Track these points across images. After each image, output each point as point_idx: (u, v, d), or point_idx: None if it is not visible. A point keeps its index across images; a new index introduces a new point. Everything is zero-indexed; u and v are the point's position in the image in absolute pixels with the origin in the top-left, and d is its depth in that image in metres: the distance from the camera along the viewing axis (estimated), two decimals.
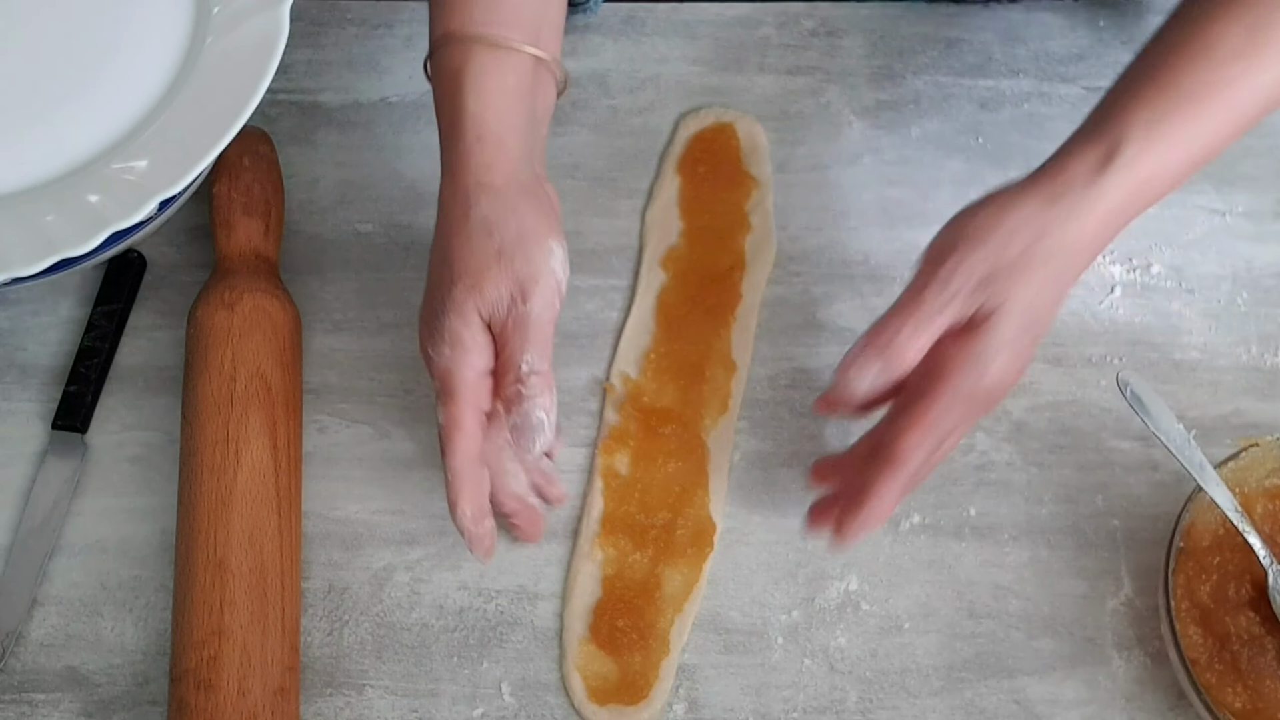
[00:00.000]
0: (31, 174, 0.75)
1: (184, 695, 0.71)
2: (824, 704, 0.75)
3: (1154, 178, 0.68)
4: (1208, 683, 0.71)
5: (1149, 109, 0.67)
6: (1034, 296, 0.67)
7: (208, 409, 0.76)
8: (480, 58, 0.72)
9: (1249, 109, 0.68)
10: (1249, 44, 0.67)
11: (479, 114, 0.71)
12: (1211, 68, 0.67)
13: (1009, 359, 0.68)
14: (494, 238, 0.70)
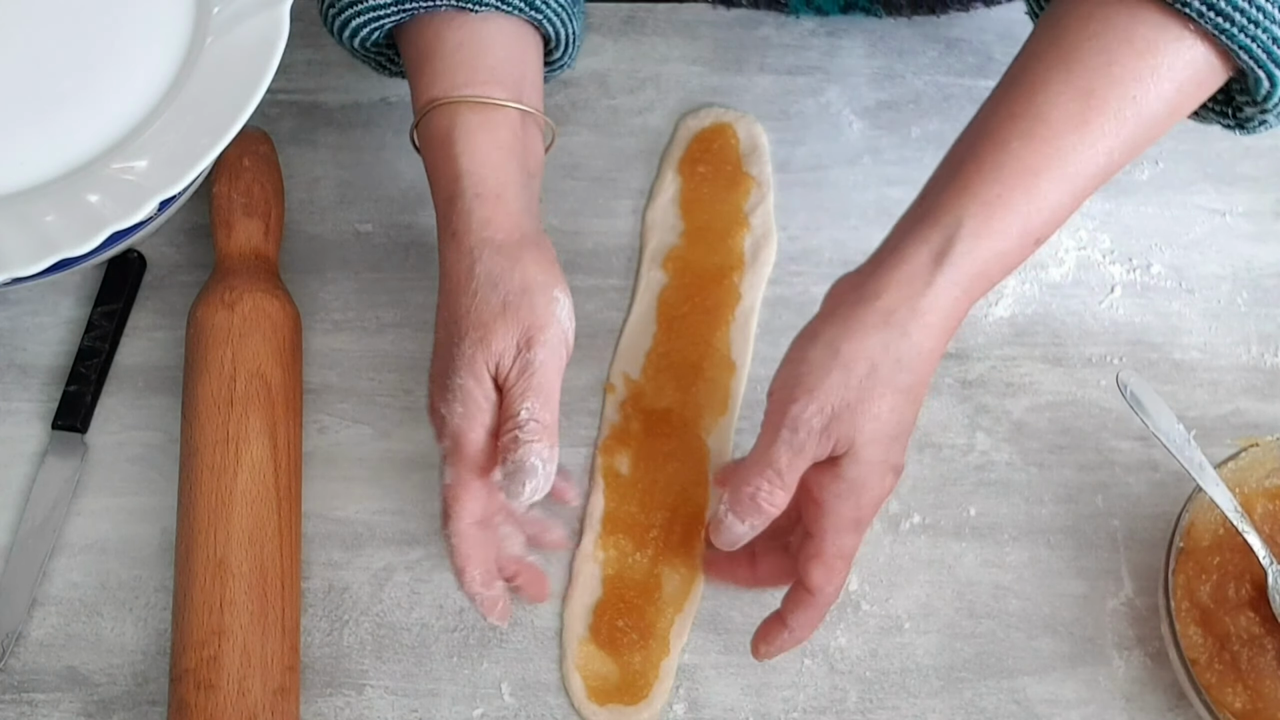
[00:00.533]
0: (31, 174, 0.75)
1: (184, 695, 0.71)
2: (824, 704, 0.75)
3: (991, 264, 0.66)
4: (1208, 683, 0.71)
5: (985, 188, 0.65)
6: (886, 416, 0.66)
7: (208, 409, 0.76)
8: (469, 117, 0.72)
9: (1085, 180, 0.66)
10: (1082, 111, 0.65)
11: (475, 171, 0.71)
12: (1047, 139, 0.65)
13: (879, 477, 0.67)
14: (499, 290, 0.69)
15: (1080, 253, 0.85)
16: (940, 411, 0.81)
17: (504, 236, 0.71)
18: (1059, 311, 0.84)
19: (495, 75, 0.74)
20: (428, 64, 0.74)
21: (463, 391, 0.69)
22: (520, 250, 0.70)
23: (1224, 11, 0.63)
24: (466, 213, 0.71)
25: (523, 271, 0.70)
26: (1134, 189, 0.87)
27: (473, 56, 0.74)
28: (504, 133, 0.73)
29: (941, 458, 0.80)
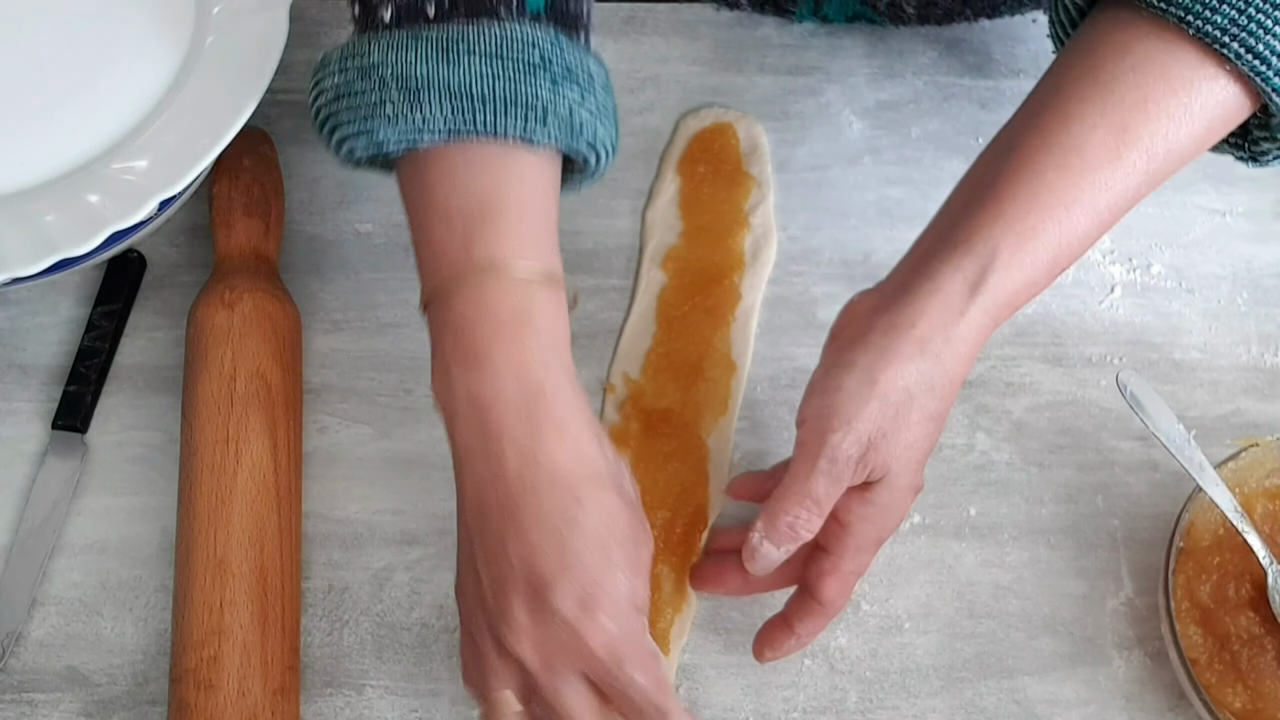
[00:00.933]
0: (31, 174, 0.75)
1: (184, 695, 0.71)
2: (824, 704, 0.75)
3: (1019, 294, 0.66)
4: (1208, 683, 0.71)
5: (1019, 219, 0.65)
6: (919, 443, 0.66)
7: (208, 409, 0.76)
8: (545, 298, 0.65)
9: (1113, 214, 0.66)
10: (1116, 147, 0.64)
11: (566, 363, 0.65)
12: (1082, 172, 0.64)
13: (905, 499, 0.68)
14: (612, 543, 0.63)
15: None
16: None
17: (602, 458, 0.64)
18: (1059, 311, 0.84)
19: (555, 233, 0.67)
20: (489, 218, 0.64)
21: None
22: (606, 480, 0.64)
23: (1261, 55, 0.62)
24: (566, 405, 0.64)
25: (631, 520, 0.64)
26: None
27: (540, 213, 0.66)
28: (566, 320, 0.66)
29: (941, 458, 0.80)
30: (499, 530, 0.62)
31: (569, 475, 0.62)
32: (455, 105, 0.64)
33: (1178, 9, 0.62)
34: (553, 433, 0.63)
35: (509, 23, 0.65)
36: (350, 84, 0.66)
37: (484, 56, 0.64)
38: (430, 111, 0.64)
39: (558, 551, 0.61)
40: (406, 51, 0.64)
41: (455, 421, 0.64)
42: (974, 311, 0.65)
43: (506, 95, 0.64)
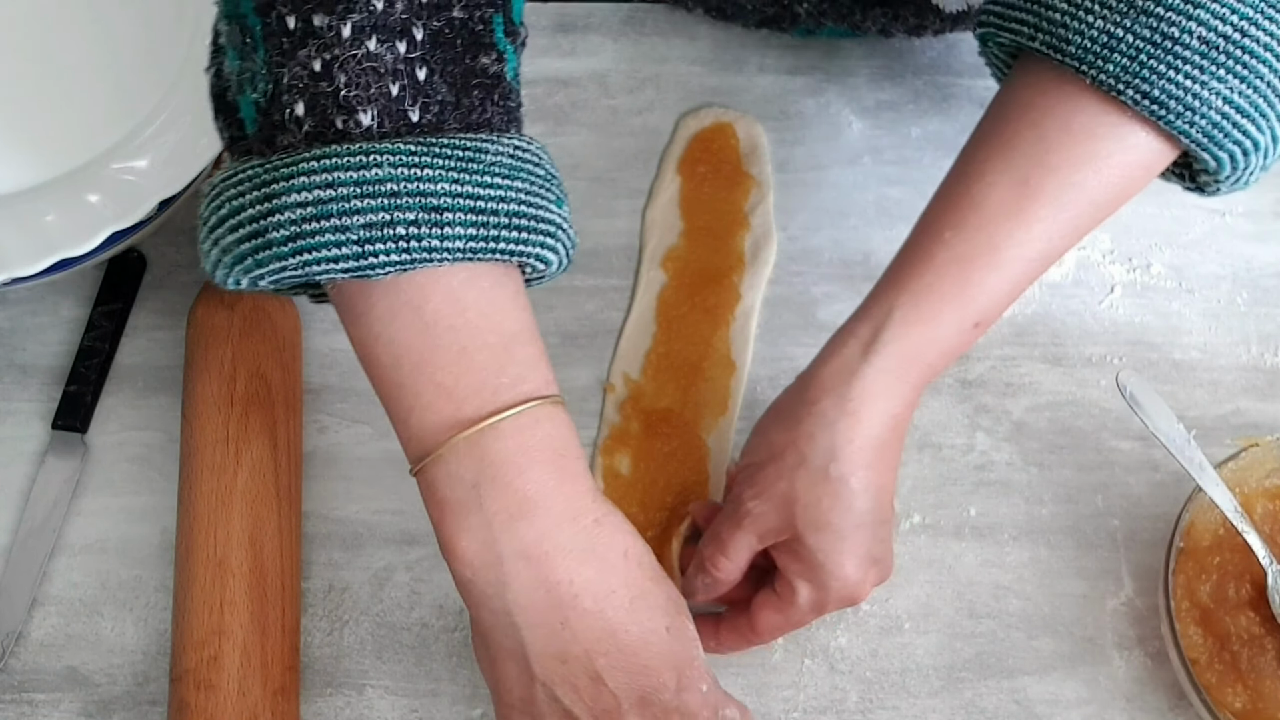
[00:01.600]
0: (31, 174, 0.75)
1: (184, 695, 0.71)
2: (824, 704, 0.75)
3: (924, 349, 0.66)
4: (1208, 683, 0.71)
5: (915, 279, 0.66)
6: (826, 505, 0.66)
7: (208, 409, 0.76)
8: (567, 424, 0.62)
9: (1025, 264, 0.65)
10: (1017, 200, 0.64)
11: (593, 489, 0.63)
12: (980, 227, 0.65)
13: (840, 566, 0.67)
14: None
15: (1080, 253, 0.85)
16: (940, 411, 0.81)
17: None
18: (1059, 311, 0.84)
19: (548, 359, 0.63)
20: (512, 347, 0.60)
21: None
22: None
23: (1158, 99, 0.62)
24: (619, 527, 0.62)
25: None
26: None
27: (538, 336, 0.62)
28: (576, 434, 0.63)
29: (941, 458, 0.80)
30: (589, 669, 0.60)
31: (643, 590, 0.62)
32: (477, 225, 0.58)
33: (1073, 60, 0.62)
34: (619, 562, 0.61)
35: (510, 136, 0.61)
36: (339, 197, 0.56)
37: (501, 171, 0.59)
38: (453, 231, 0.57)
39: (659, 659, 0.62)
40: (420, 162, 0.57)
41: (506, 584, 0.60)
42: (867, 371, 0.66)
43: (525, 214, 0.59)
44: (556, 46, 0.90)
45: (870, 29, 0.87)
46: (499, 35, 0.61)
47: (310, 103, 0.57)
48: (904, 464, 0.80)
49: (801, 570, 0.68)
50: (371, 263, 0.57)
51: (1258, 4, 0.61)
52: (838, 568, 0.68)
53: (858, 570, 0.68)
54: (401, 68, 0.58)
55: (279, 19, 0.57)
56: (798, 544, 0.68)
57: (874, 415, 0.66)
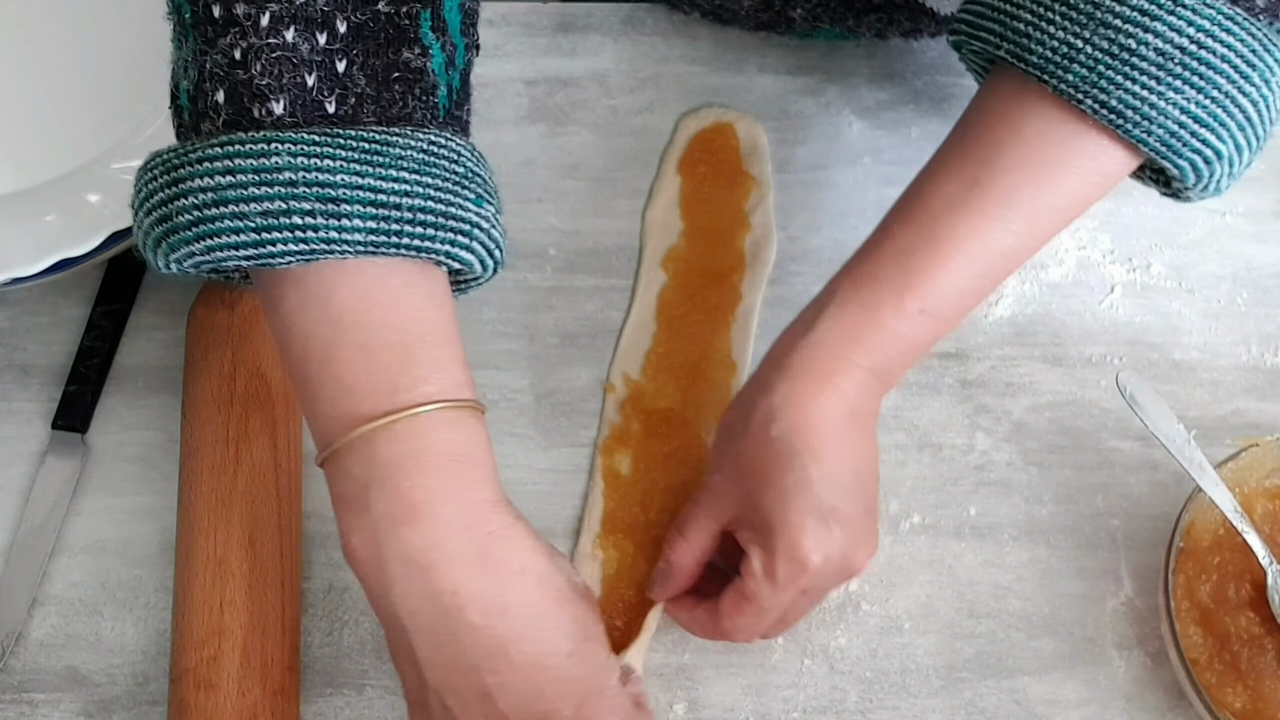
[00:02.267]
0: (31, 174, 0.75)
1: (184, 695, 0.71)
2: (824, 704, 0.75)
3: (863, 328, 0.66)
4: (1208, 683, 0.71)
5: (858, 266, 0.67)
6: (770, 469, 0.66)
7: (208, 409, 0.76)
8: (479, 430, 0.61)
9: (968, 262, 0.65)
10: (963, 195, 0.65)
11: (502, 498, 0.62)
12: (924, 221, 0.66)
13: (797, 541, 0.65)
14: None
15: (1080, 253, 0.85)
16: (940, 411, 0.81)
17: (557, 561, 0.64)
18: (1059, 311, 0.84)
19: (466, 363, 0.62)
20: (413, 348, 0.59)
21: None
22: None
23: (1115, 109, 0.62)
24: (518, 541, 0.61)
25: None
26: (1134, 189, 0.86)
27: (455, 335, 0.61)
28: (492, 449, 0.63)
29: (941, 458, 0.80)
30: (479, 685, 0.60)
31: (539, 612, 0.61)
32: (379, 218, 0.57)
33: (1035, 69, 0.63)
34: (515, 578, 0.60)
35: (427, 131, 0.60)
36: (238, 184, 0.57)
37: (411, 165, 0.58)
38: (351, 223, 0.57)
39: (554, 685, 0.61)
40: (321, 153, 0.57)
41: (390, 586, 0.59)
42: (805, 345, 0.67)
43: (435, 210, 0.58)
44: (556, 46, 0.90)
45: (865, 33, 0.87)
46: (424, 30, 0.61)
47: (229, 91, 0.58)
48: (904, 464, 0.80)
49: (752, 536, 0.67)
50: (270, 251, 0.57)
51: (1215, 18, 0.61)
52: (782, 523, 0.65)
53: (806, 525, 0.65)
54: (319, 59, 0.58)
55: (205, 6, 0.58)
56: (751, 512, 0.67)
57: (816, 384, 0.66)
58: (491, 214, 0.61)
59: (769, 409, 0.66)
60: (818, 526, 0.65)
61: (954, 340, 0.82)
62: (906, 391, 0.81)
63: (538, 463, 0.80)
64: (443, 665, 0.60)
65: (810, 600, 0.69)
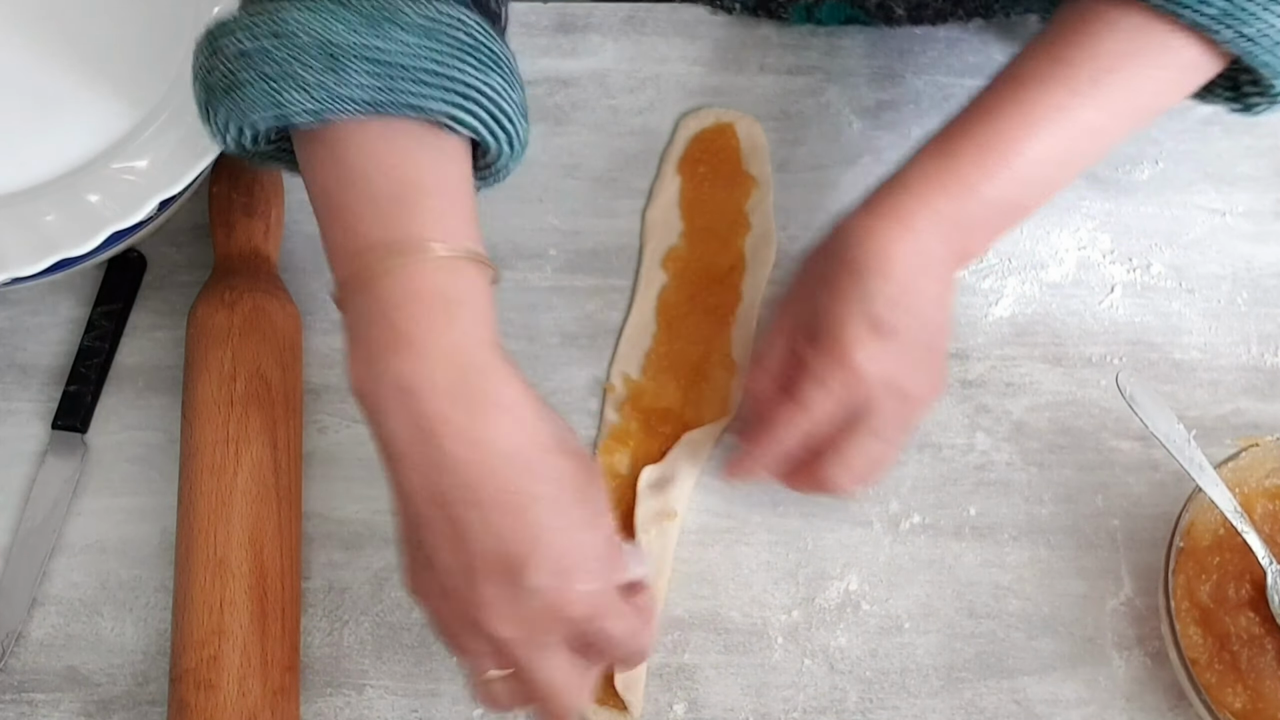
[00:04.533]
0: (31, 174, 0.75)
1: (184, 695, 0.71)
2: (824, 704, 0.75)
3: (947, 178, 0.68)
4: (1208, 683, 0.71)
5: (947, 128, 0.70)
6: (837, 284, 0.69)
7: (208, 409, 0.76)
8: (476, 279, 0.63)
9: (1049, 135, 0.68)
10: (1055, 70, 0.68)
11: (495, 341, 0.63)
12: (1013, 90, 0.68)
13: (838, 312, 0.68)
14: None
15: (1080, 253, 0.85)
16: (940, 411, 0.81)
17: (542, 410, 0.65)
18: (1059, 311, 0.84)
19: (474, 213, 0.65)
20: (408, 198, 0.63)
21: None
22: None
23: (1248, 35, 0.66)
24: (501, 380, 0.63)
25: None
26: (1134, 189, 0.87)
27: (459, 192, 0.65)
28: (491, 297, 0.65)
29: (941, 458, 0.80)
30: (457, 518, 0.61)
31: (515, 451, 0.61)
32: (379, 76, 0.62)
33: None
34: (491, 411, 0.61)
35: (438, 2, 0.64)
36: (259, 46, 0.62)
37: (414, 30, 0.62)
38: (352, 80, 0.61)
39: (523, 529, 0.60)
40: (330, 17, 0.62)
41: (384, 413, 0.62)
42: (888, 188, 0.69)
43: (435, 72, 0.62)
44: (556, 46, 0.90)
45: (870, 6, 0.87)
46: None
47: None
48: (904, 464, 0.80)
49: (808, 342, 0.70)
50: (288, 110, 0.62)
51: None
52: (840, 329, 0.68)
53: (860, 334, 0.67)
54: None
55: None
56: (815, 322, 0.69)
57: (895, 222, 0.68)
58: (499, 84, 0.64)
59: (849, 234, 0.69)
60: (873, 340, 0.68)
61: (954, 340, 0.83)
62: None
63: None
64: (422, 495, 0.62)
65: (868, 430, 0.69)
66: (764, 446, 0.72)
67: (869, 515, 0.79)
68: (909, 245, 0.68)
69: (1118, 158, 0.87)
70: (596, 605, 0.62)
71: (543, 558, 0.60)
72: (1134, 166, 0.87)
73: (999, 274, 0.84)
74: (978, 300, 0.84)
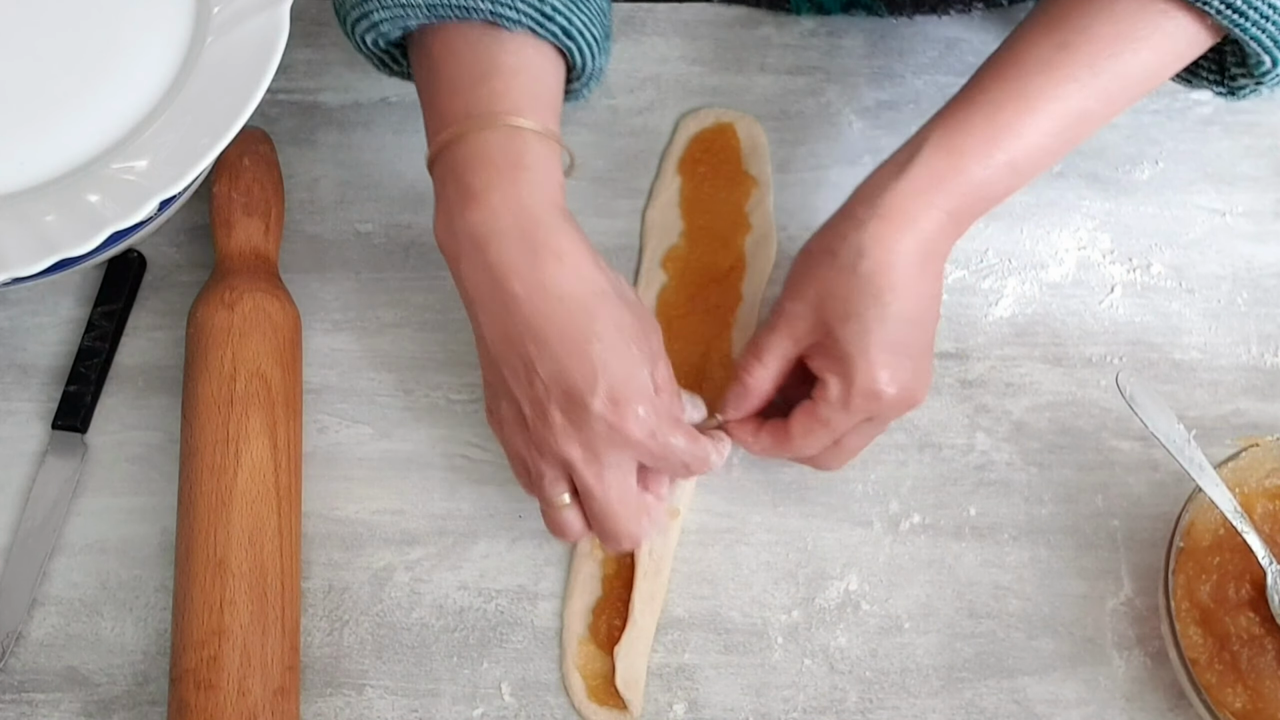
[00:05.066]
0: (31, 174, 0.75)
1: (184, 695, 0.71)
2: (824, 704, 0.75)
3: (953, 173, 0.70)
4: (1208, 683, 0.71)
5: (950, 115, 0.72)
6: (855, 300, 0.70)
7: (208, 409, 0.76)
8: (539, 148, 0.71)
9: (1055, 119, 0.70)
10: (1052, 57, 0.70)
11: (560, 203, 0.72)
12: (1015, 78, 0.71)
13: (870, 368, 0.70)
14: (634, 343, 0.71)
15: (1080, 253, 0.85)
16: (940, 411, 0.81)
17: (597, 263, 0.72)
18: (1059, 311, 0.84)
19: (553, 104, 0.74)
20: (485, 80, 0.72)
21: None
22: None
23: (1238, 8, 0.68)
24: (561, 232, 0.71)
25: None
26: (1134, 189, 0.87)
27: (534, 82, 0.73)
28: (559, 168, 0.73)
29: (941, 458, 0.80)
30: (524, 354, 0.69)
31: (575, 294, 0.69)
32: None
33: None
34: (551, 259, 0.69)
35: None
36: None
37: None
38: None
39: (583, 362, 0.68)
40: None
41: (461, 262, 0.71)
42: (899, 186, 0.71)
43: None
44: None
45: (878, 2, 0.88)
46: None
47: None
48: (904, 464, 0.80)
49: (829, 364, 0.71)
50: (378, 20, 0.74)
51: None
52: (862, 355, 0.70)
53: (882, 359, 0.70)
54: None
55: None
56: (828, 339, 0.71)
57: (904, 225, 0.70)
58: (575, 10, 0.73)
59: (859, 244, 0.70)
60: (892, 360, 0.70)
61: (954, 340, 0.83)
62: None
63: None
64: (496, 336, 0.70)
65: (874, 429, 0.74)
66: (769, 450, 0.75)
67: (869, 515, 0.79)
68: (916, 250, 0.70)
69: (1118, 158, 0.87)
70: (653, 424, 0.69)
71: (602, 387, 0.68)
72: (1134, 166, 0.87)
73: (999, 274, 0.84)
74: (978, 300, 0.84)
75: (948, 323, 0.83)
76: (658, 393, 0.71)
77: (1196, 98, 0.89)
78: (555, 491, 0.72)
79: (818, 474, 0.79)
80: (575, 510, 0.72)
